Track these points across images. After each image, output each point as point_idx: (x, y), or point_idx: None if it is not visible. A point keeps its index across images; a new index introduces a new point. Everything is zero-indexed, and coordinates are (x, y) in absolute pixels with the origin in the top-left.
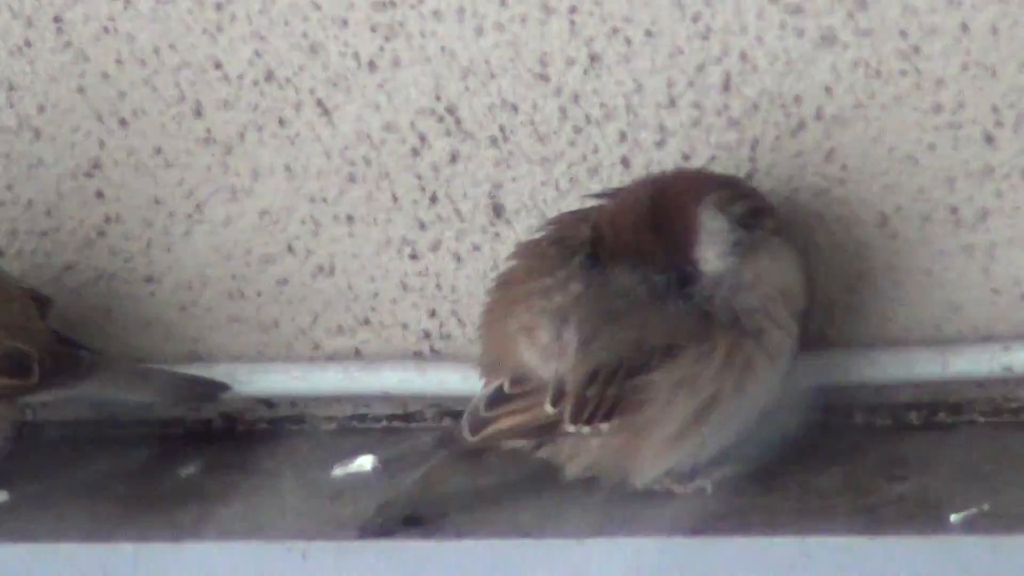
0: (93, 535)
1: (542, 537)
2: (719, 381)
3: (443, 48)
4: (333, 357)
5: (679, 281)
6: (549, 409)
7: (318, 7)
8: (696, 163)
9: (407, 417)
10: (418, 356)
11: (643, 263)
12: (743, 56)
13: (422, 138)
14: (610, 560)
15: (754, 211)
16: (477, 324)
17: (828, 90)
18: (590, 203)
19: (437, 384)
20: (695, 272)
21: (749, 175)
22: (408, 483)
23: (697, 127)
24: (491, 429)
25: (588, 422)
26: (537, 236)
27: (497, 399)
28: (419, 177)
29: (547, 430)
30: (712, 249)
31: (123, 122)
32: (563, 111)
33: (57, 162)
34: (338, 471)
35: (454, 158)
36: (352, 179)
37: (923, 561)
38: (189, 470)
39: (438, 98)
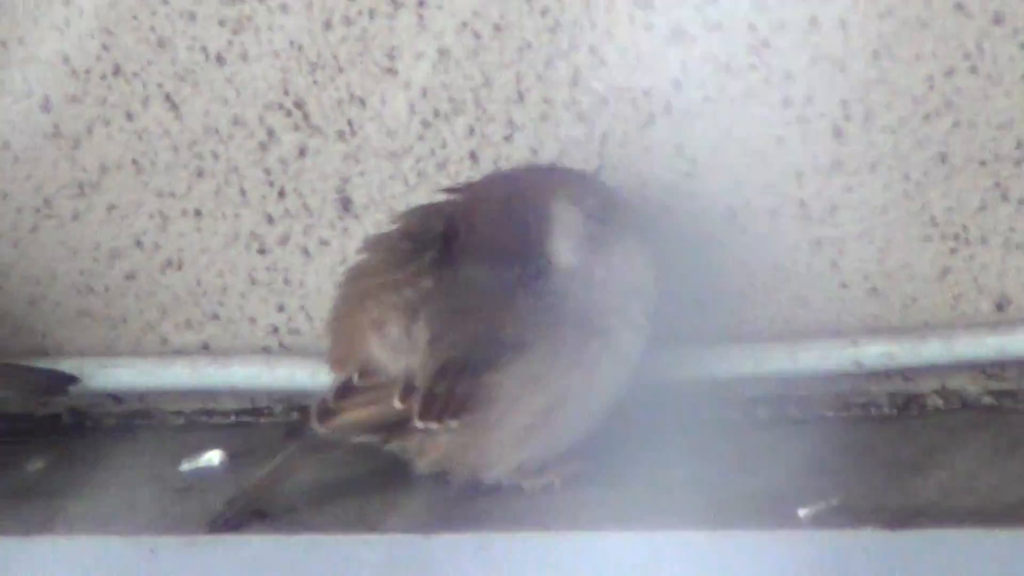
0: None
1: (389, 531)
2: (568, 378)
3: (291, 42)
4: (181, 352)
5: (531, 276)
6: (398, 404)
7: (166, 2)
8: (544, 158)
9: (255, 412)
10: (266, 351)
11: (496, 257)
12: (592, 50)
13: (270, 132)
14: (457, 555)
15: (606, 206)
16: (326, 319)
17: (677, 84)
18: (440, 197)
19: (285, 379)
20: (548, 266)
21: (598, 170)
22: (256, 477)
23: (546, 121)
24: (339, 420)
25: (437, 418)
26: (388, 230)
27: (346, 390)
28: (267, 171)
29: (396, 425)
30: (565, 242)
31: None
32: (411, 105)
33: None
34: (186, 466)
35: (302, 152)
36: (200, 173)
37: (772, 556)
38: (37, 464)
39: (286, 92)
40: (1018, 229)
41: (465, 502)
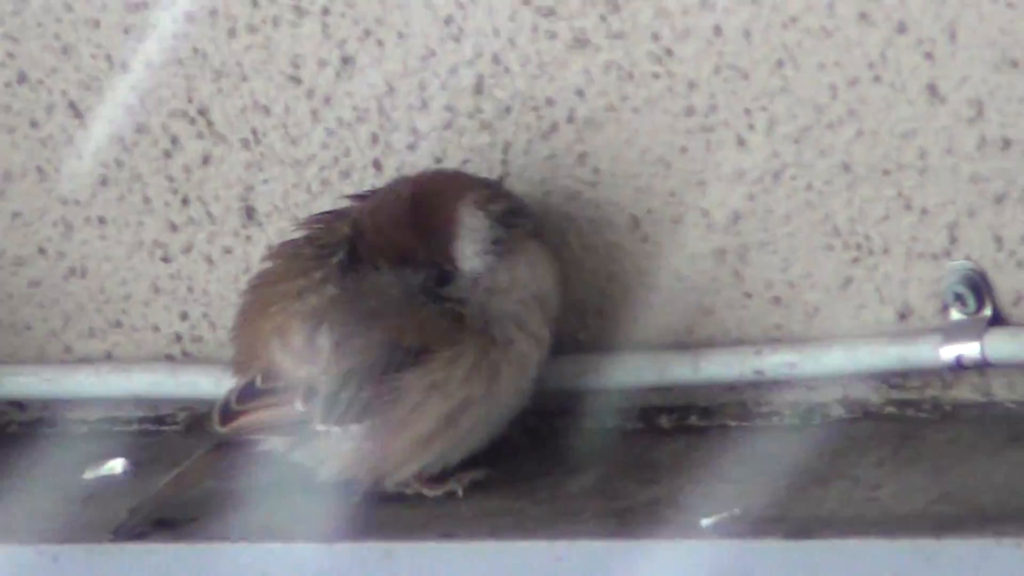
0: None
1: (293, 541)
2: (469, 386)
3: (195, 50)
4: (85, 360)
5: (436, 281)
6: (300, 407)
7: (71, 8)
8: (448, 166)
9: (159, 420)
10: (170, 359)
11: (401, 262)
12: (495, 58)
13: (174, 140)
14: (360, 563)
15: (512, 211)
16: (230, 326)
17: (580, 93)
18: (345, 204)
19: (189, 387)
20: (452, 272)
21: (502, 178)
22: (160, 486)
23: (449, 129)
24: (241, 421)
25: (339, 422)
26: (293, 237)
27: (249, 393)
28: (171, 179)
29: (298, 429)
30: (471, 247)
31: None
32: (315, 113)
33: None
34: (90, 474)
35: (206, 160)
36: (104, 181)
37: (674, 565)
38: None
39: (190, 100)
40: (921, 238)
41: (368, 510)
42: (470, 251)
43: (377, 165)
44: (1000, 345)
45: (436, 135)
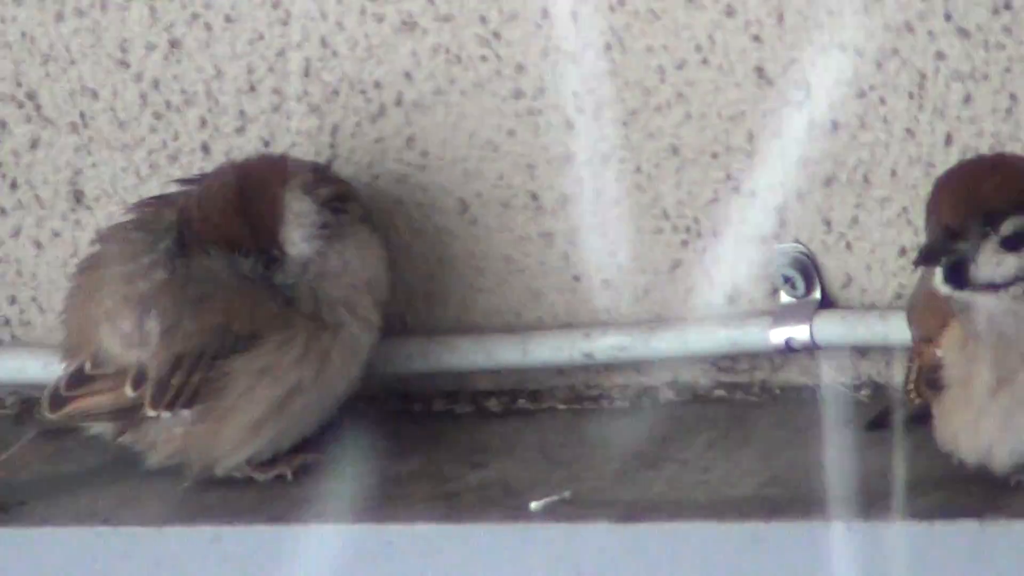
0: None
1: (122, 524)
2: (300, 370)
3: (23, 33)
4: None
5: (265, 266)
6: (129, 392)
7: None
8: (276, 149)
9: None
10: None
11: (230, 247)
12: (323, 42)
13: (2, 124)
14: (190, 547)
15: (340, 196)
16: (59, 310)
17: (408, 76)
18: (174, 188)
19: (16, 371)
20: (281, 257)
21: (330, 162)
22: None
23: (277, 113)
24: (71, 407)
25: (169, 407)
26: (122, 221)
27: (78, 379)
28: None
29: (128, 414)
30: (298, 232)
31: None
32: (143, 97)
33: None
34: None
35: (34, 144)
36: None
37: (503, 547)
38: None
39: (19, 84)
40: (749, 221)
41: (198, 494)
42: (297, 236)
43: (205, 149)
44: (829, 328)
45: (264, 119)
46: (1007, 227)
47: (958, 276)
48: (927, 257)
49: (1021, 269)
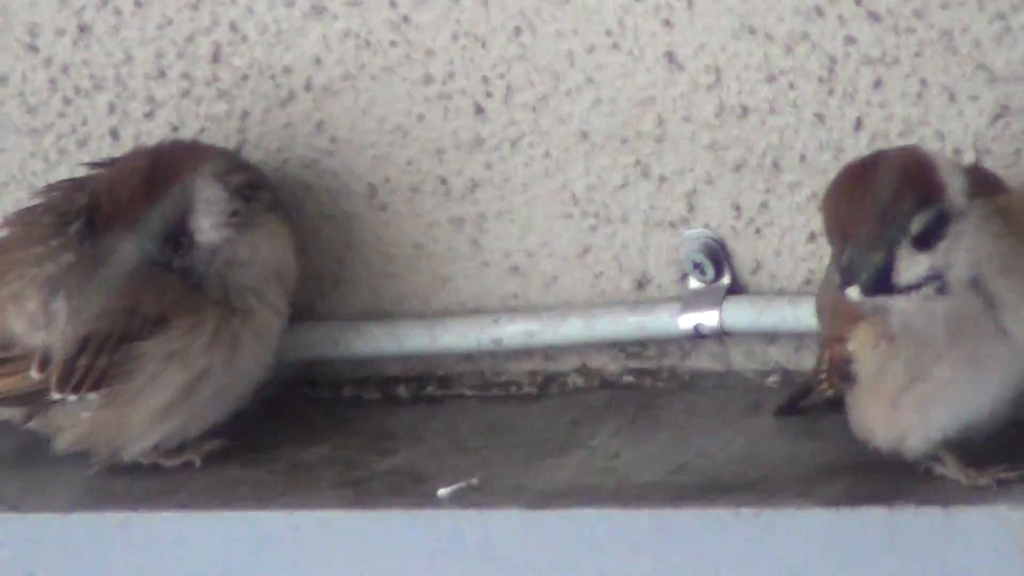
0: None
1: (29, 511)
2: (208, 356)
3: None
4: None
5: (173, 251)
6: (35, 375)
7: None
8: (186, 134)
9: None
10: None
11: (139, 232)
12: (233, 27)
13: None
14: (97, 533)
15: (251, 183)
16: None
17: (318, 61)
18: (83, 173)
19: None
20: (190, 242)
21: (239, 147)
22: None
23: (187, 98)
24: None
25: (75, 390)
26: (31, 204)
27: None
28: None
29: (34, 397)
30: (208, 219)
31: None
32: (52, 82)
33: None
34: None
35: None
36: None
37: (412, 534)
38: None
39: None
40: (659, 207)
41: (105, 481)
42: (207, 223)
43: (115, 134)
44: (738, 314)
45: (173, 104)
46: (915, 226)
47: (879, 285)
48: (849, 280)
49: (934, 267)
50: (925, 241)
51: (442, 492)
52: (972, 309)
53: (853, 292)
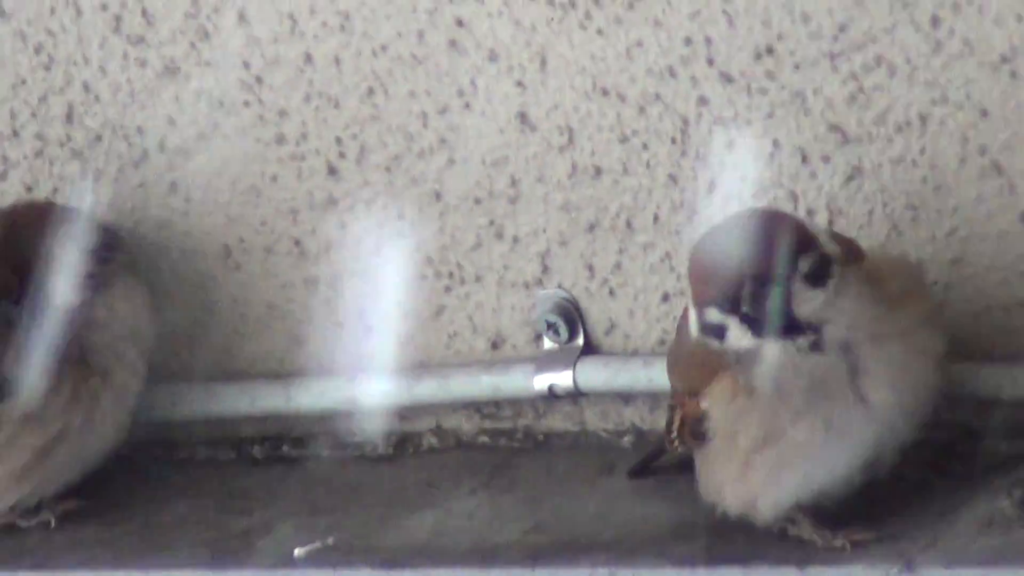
0: None
1: None
2: (65, 417)
3: None
4: None
5: (29, 313)
6: None
7: None
8: (39, 195)
9: None
10: None
11: None
12: (86, 87)
13: None
14: None
15: (106, 244)
16: None
17: (171, 121)
18: None
19: None
20: (46, 304)
21: (93, 207)
22: None
23: (40, 158)
24: None
25: None
26: None
27: None
28: None
29: None
30: (64, 280)
31: None
32: None
33: None
34: None
35: None
36: None
37: None
38: None
39: None
40: (512, 267)
41: None
42: (63, 284)
43: None
44: (592, 374)
45: (27, 163)
46: (803, 265)
47: (779, 320)
48: (758, 314)
49: (826, 305)
50: (814, 279)
51: (298, 552)
52: (838, 372)
53: (744, 336)
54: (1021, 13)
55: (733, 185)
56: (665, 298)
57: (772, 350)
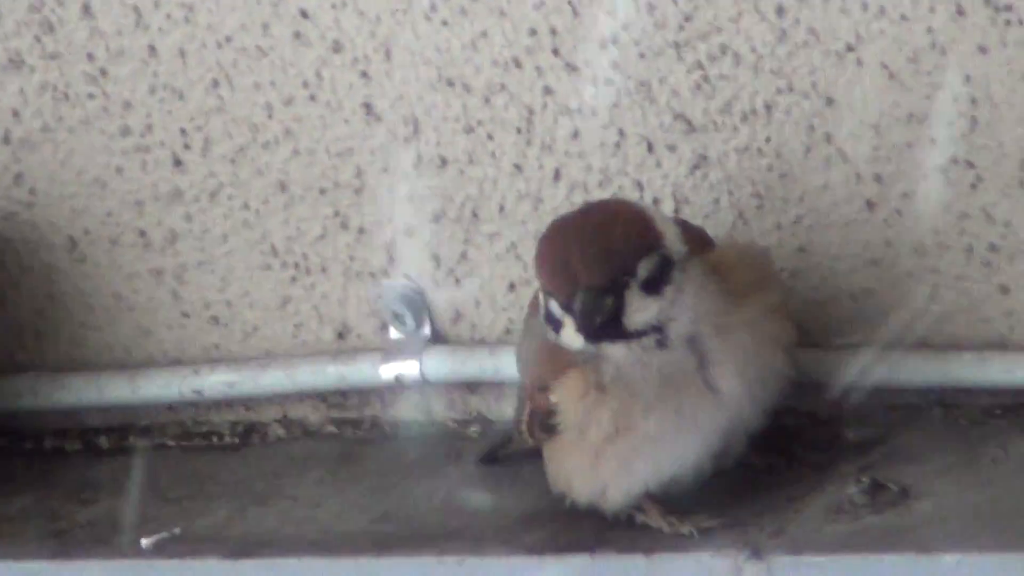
0: None
1: None
2: None
3: None
4: None
5: None
6: None
7: None
8: None
9: None
10: None
11: None
12: None
13: None
14: None
15: None
16: None
17: (16, 113)
18: None
19: None
20: None
21: None
22: None
23: None
24: None
25: None
26: None
27: None
28: None
29: None
30: None
31: None
32: None
33: None
34: None
35: None
36: None
37: None
38: None
39: None
40: (357, 257)
41: None
42: None
43: None
44: (439, 363)
45: None
46: (642, 271)
47: (609, 329)
48: (590, 324)
49: (662, 312)
50: (653, 286)
51: (145, 542)
52: (686, 366)
53: (577, 338)
54: (866, 2)
55: (578, 175)
56: (511, 287)
57: (616, 352)
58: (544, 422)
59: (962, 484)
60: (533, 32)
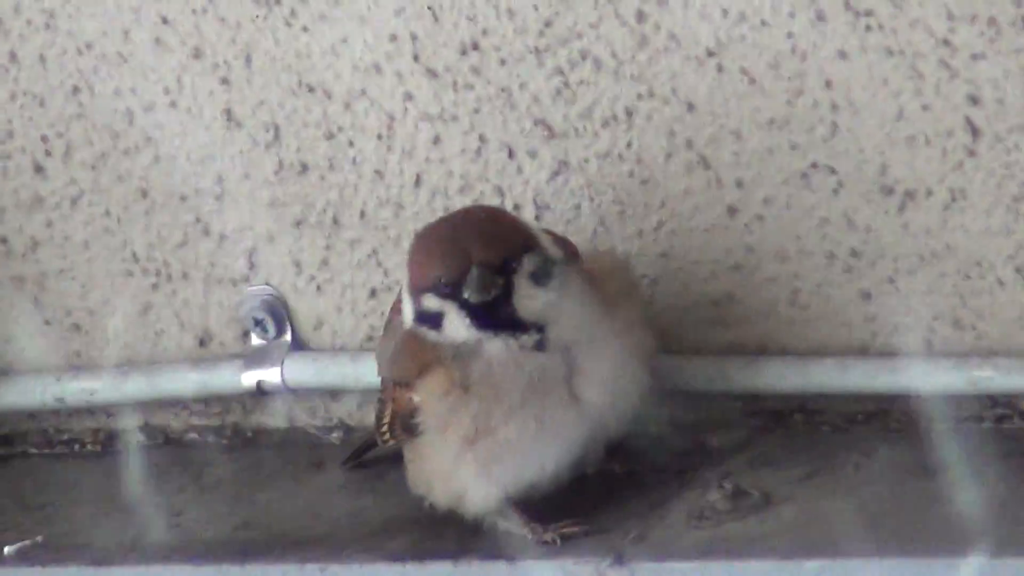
0: None
1: None
2: None
3: None
4: None
5: None
6: None
7: None
8: None
9: None
10: None
11: None
12: None
13: None
14: None
15: None
16: None
17: None
18: None
19: None
20: None
21: None
22: None
23: None
24: None
25: None
26: None
27: None
28: None
29: None
30: None
31: None
32: None
33: None
34: None
35: None
36: None
37: None
38: None
39: None
40: (219, 264)
41: None
42: None
43: None
44: (300, 370)
45: None
46: (528, 263)
47: (499, 315)
48: (483, 298)
49: (549, 305)
50: (538, 278)
51: (8, 550)
52: (556, 373)
53: (462, 327)
54: (726, 7)
55: (440, 181)
56: (372, 294)
57: (494, 346)
58: (405, 422)
59: (824, 490)
60: (393, 38)
